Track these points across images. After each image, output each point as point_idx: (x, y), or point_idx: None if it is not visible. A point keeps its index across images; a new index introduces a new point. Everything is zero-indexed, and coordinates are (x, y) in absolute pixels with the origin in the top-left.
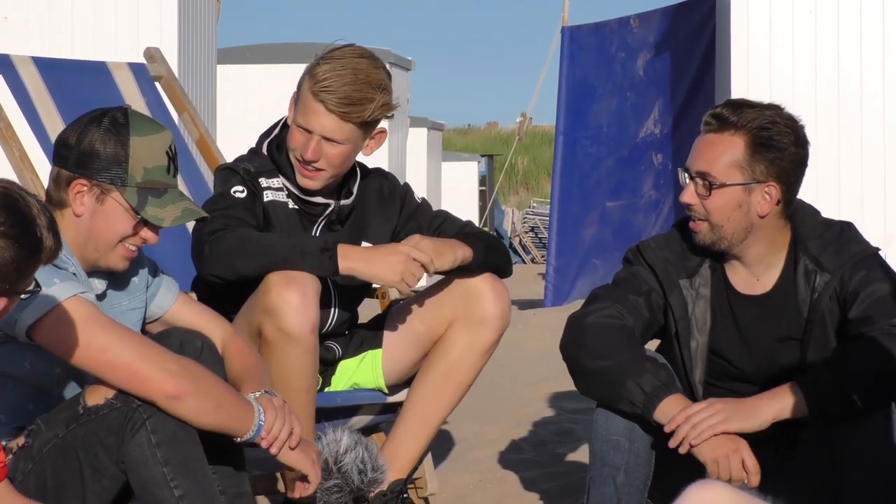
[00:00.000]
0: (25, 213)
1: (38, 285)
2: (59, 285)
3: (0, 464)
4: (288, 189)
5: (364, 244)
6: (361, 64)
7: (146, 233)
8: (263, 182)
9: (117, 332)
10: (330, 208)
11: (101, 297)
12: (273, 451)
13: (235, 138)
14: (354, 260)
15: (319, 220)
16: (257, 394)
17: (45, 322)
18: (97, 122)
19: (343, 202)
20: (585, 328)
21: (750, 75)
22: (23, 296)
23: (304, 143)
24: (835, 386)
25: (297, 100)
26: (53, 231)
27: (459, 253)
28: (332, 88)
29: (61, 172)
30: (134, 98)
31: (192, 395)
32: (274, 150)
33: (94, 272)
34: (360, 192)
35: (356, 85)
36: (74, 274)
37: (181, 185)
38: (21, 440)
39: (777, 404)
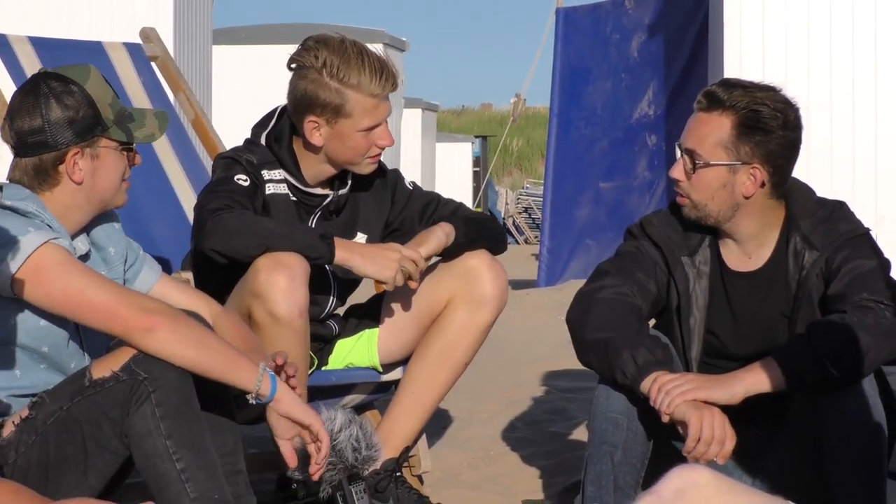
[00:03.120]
0: None
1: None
2: (32, 233)
3: None
4: (288, 181)
5: (359, 234)
6: (359, 44)
7: (134, 159)
8: (265, 174)
9: (93, 275)
10: (328, 199)
11: (84, 258)
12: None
13: (230, 119)
14: (352, 252)
15: (316, 211)
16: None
17: (25, 270)
18: (42, 96)
19: (340, 192)
20: (597, 302)
21: (743, 57)
22: None
23: (381, 134)
24: (808, 355)
25: (337, 115)
26: None
27: (441, 234)
28: (382, 77)
29: (44, 158)
30: (130, 78)
31: (168, 328)
32: (273, 143)
33: (77, 234)
34: (353, 182)
35: (381, 59)
36: (49, 227)
37: (177, 164)
38: (25, 412)
39: (750, 378)
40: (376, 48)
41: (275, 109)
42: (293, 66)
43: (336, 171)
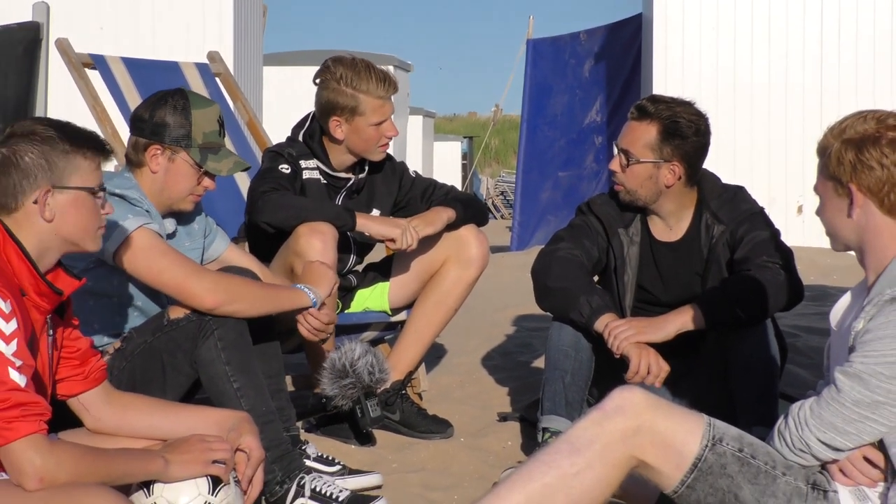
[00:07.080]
0: (33, 132)
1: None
2: (131, 219)
3: (102, 366)
4: (319, 168)
5: (374, 210)
6: (366, 60)
7: (207, 182)
8: (302, 164)
9: (172, 257)
10: (351, 181)
11: (171, 235)
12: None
13: (277, 121)
14: (368, 220)
15: (342, 191)
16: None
17: (122, 248)
18: (164, 101)
19: (360, 175)
20: (555, 259)
21: (667, 77)
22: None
23: (389, 126)
24: (723, 302)
25: (353, 114)
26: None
27: (445, 215)
28: (385, 84)
29: (139, 140)
30: (199, 89)
31: (227, 303)
32: (308, 139)
33: (166, 215)
34: (370, 170)
35: (383, 70)
36: (148, 211)
37: (233, 151)
38: (117, 344)
39: (679, 319)
40: (387, 69)
41: (309, 114)
42: (317, 80)
43: (356, 160)
